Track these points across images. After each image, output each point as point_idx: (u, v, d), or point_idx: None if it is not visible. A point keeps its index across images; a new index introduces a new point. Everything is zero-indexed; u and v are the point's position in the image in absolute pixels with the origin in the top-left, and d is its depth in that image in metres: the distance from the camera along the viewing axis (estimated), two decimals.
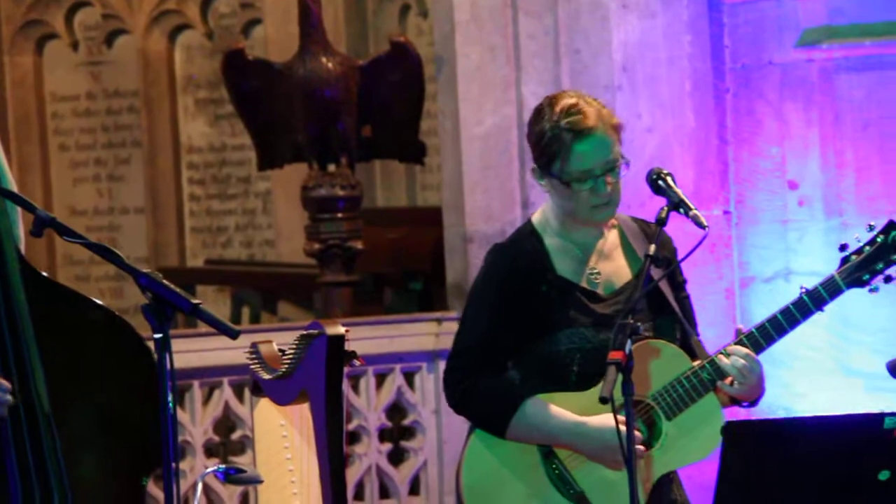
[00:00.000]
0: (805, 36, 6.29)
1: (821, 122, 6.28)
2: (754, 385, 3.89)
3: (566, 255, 3.98)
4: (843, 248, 3.99)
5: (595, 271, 3.97)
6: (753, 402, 3.97)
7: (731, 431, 3.42)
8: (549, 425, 3.89)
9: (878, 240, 3.95)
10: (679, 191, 3.87)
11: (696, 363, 3.90)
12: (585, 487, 3.88)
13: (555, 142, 3.90)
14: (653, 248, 3.79)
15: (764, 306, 6.41)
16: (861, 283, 3.96)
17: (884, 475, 3.41)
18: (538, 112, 3.97)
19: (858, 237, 3.97)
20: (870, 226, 3.99)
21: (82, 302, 3.63)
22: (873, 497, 3.42)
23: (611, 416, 3.71)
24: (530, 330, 3.93)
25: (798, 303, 3.93)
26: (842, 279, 3.94)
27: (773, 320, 3.92)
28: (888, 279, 3.98)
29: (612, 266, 3.97)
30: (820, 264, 6.28)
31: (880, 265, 3.95)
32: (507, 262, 3.99)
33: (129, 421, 3.67)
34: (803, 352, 6.20)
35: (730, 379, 3.87)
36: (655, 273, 3.93)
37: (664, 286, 3.95)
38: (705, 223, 3.83)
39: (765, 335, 3.91)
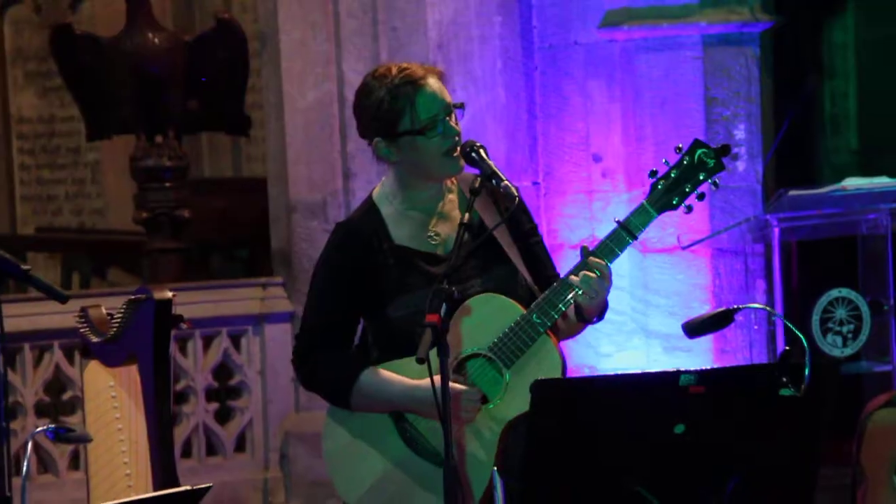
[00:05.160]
0: (607, 17, 6.36)
1: (622, 99, 6.35)
2: (602, 300, 3.88)
3: (405, 223, 3.96)
4: (652, 173, 3.89)
5: (433, 234, 3.96)
6: (600, 317, 3.95)
7: (539, 389, 3.46)
8: (386, 393, 3.88)
9: (685, 161, 3.87)
10: (491, 163, 3.87)
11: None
12: (437, 445, 3.86)
13: (397, 99, 3.88)
14: (467, 216, 3.79)
15: None
16: (673, 207, 3.87)
17: (679, 428, 3.47)
18: (365, 88, 3.94)
19: (666, 160, 3.89)
20: (677, 148, 3.91)
21: None
22: (670, 448, 3.48)
23: (436, 384, 3.71)
24: (373, 301, 3.91)
25: (614, 236, 3.88)
26: (651, 206, 3.87)
27: (593, 255, 3.87)
28: (701, 196, 3.89)
29: (450, 226, 3.95)
30: None
31: (688, 186, 3.87)
32: (344, 238, 3.96)
33: None
34: (607, 315, 6.28)
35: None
36: (489, 219, 3.91)
37: (504, 240, 3.93)
38: (515, 193, 3.84)
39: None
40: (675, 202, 3.89)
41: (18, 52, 11.31)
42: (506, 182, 3.84)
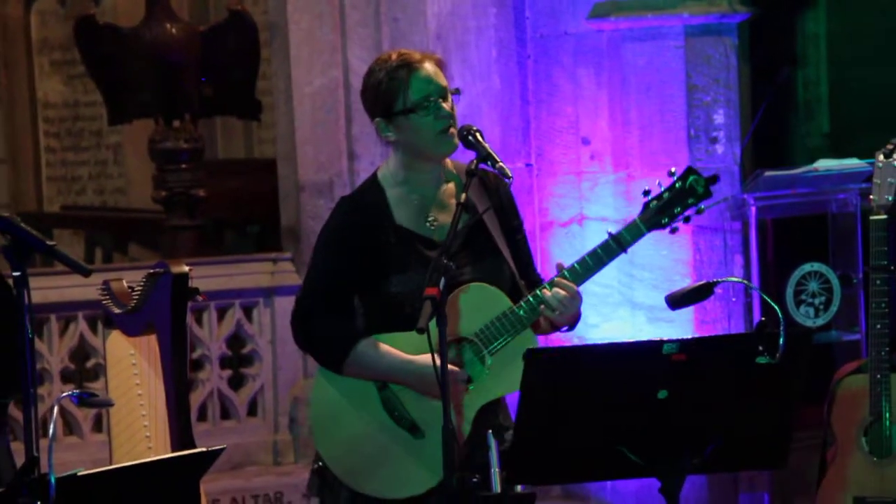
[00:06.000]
0: (595, 9, 6.34)
1: (609, 86, 6.34)
2: (573, 314, 3.90)
3: (406, 205, 3.94)
4: (646, 193, 3.91)
5: (432, 219, 3.94)
6: (572, 327, 3.96)
7: (532, 357, 3.45)
8: (381, 364, 3.87)
9: (677, 185, 3.89)
10: (487, 145, 3.85)
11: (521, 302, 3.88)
12: (415, 416, 3.88)
13: (393, 81, 3.88)
14: (464, 196, 3.77)
15: (560, 248, 6.48)
16: (661, 226, 3.89)
17: (662, 394, 3.47)
18: (369, 72, 3.95)
19: (661, 182, 3.91)
20: (670, 172, 3.92)
21: None
22: (654, 412, 3.48)
23: (435, 354, 3.74)
24: (371, 274, 3.90)
25: (605, 246, 3.88)
26: (642, 223, 3.88)
27: (582, 262, 3.88)
28: (687, 219, 3.92)
29: (448, 215, 3.92)
30: (610, 211, 6.36)
31: (678, 209, 3.89)
32: (349, 212, 3.94)
33: None
34: (594, 288, 6.28)
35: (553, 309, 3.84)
36: (488, 219, 3.91)
37: (494, 231, 3.93)
38: (510, 174, 3.82)
39: (575, 275, 3.90)
40: (664, 222, 3.91)
41: (44, 41, 11.29)
42: (500, 164, 3.82)
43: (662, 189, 3.90)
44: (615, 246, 3.88)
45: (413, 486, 3.87)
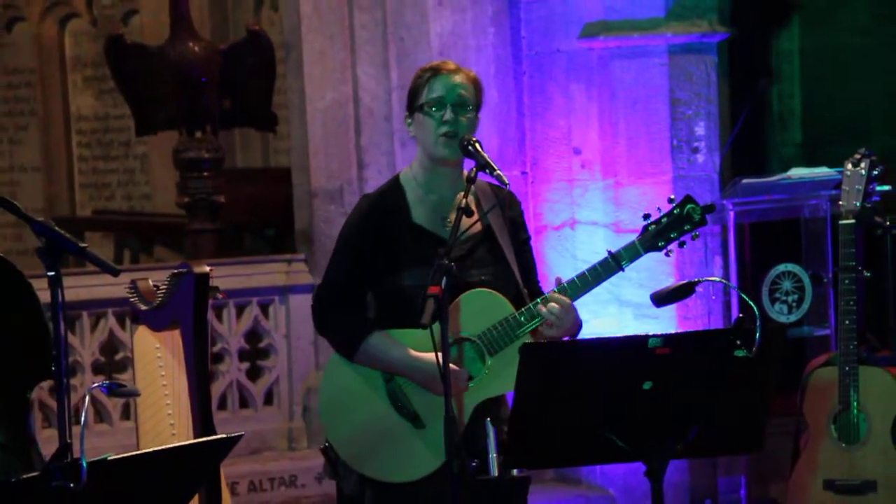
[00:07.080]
0: (586, 29, 6.34)
1: (599, 100, 6.33)
2: (569, 327, 3.88)
3: (424, 205, 3.93)
4: (646, 216, 3.91)
5: (447, 220, 3.94)
6: (573, 337, 3.94)
7: (527, 351, 3.45)
8: (389, 357, 3.87)
9: (675, 212, 3.89)
10: (486, 155, 3.85)
11: (523, 309, 3.87)
12: (418, 408, 3.87)
13: (420, 79, 3.92)
14: (464, 200, 3.77)
15: (554, 250, 6.48)
16: (657, 248, 3.90)
17: (647, 385, 3.47)
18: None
19: (660, 208, 3.91)
20: (670, 199, 3.91)
21: None
22: (639, 402, 3.48)
23: (439, 353, 3.74)
24: (386, 268, 3.89)
25: (603, 263, 3.89)
26: (640, 245, 3.89)
27: (582, 276, 3.88)
28: (682, 244, 3.92)
29: (463, 220, 3.92)
30: (599, 215, 6.36)
31: (674, 234, 3.88)
32: (370, 210, 3.94)
33: (11, 344, 3.57)
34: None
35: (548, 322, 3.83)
36: (494, 222, 3.91)
37: (503, 240, 3.92)
38: (507, 181, 3.82)
39: (574, 288, 3.89)
40: (660, 244, 3.90)
41: (77, 59, 11.30)
42: (498, 171, 3.82)
43: (661, 214, 3.90)
44: (613, 264, 3.88)
45: (410, 472, 3.86)
